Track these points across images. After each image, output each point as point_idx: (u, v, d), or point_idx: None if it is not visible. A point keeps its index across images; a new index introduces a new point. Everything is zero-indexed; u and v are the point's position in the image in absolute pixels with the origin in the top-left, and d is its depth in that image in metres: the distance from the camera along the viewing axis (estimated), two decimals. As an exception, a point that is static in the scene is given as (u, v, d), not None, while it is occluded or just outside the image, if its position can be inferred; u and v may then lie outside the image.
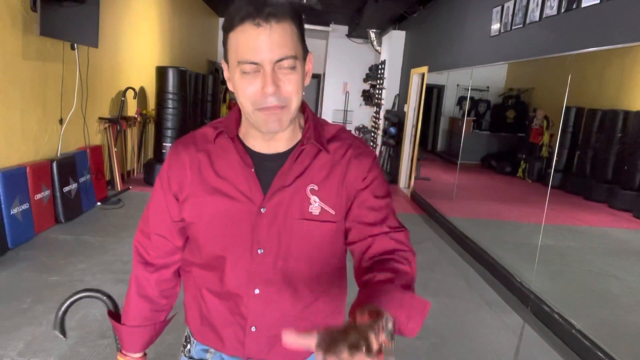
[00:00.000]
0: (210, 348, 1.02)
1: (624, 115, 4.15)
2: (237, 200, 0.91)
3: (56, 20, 4.09)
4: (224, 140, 0.93)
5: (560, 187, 4.44)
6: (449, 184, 5.98)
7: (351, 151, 0.94)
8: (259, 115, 0.84)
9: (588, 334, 2.84)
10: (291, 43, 0.82)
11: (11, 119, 3.87)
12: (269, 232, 0.91)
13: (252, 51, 0.80)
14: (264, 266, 0.92)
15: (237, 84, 0.85)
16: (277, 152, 0.93)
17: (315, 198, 0.91)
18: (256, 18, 0.79)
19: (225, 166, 0.92)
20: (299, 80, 0.85)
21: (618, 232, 4.46)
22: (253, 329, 0.95)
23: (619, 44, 3.02)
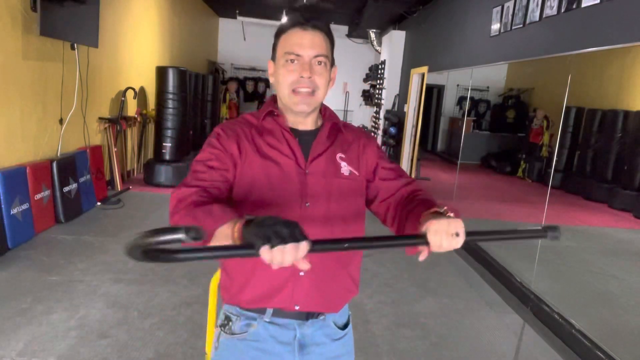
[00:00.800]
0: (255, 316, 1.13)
1: (624, 115, 4.16)
2: (287, 164, 1.11)
3: (56, 20, 4.09)
4: (268, 121, 1.16)
5: (560, 187, 4.44)
6: (449, 184, 5.98)
7: (363, 135, 1.25)
8: (293, 97, 1.10)
9: (588, 334, 2.84)
10: (326, 49, 1.11)
11: (11, 119, 3.87)
12: (313, 188, 1.11)
13: (298, 46, 1.09)
14: (311, 217, 1.10)
15: (280, 73, 1.11)
16: (308, 129, 1.18)
17: (344, 163, 1.17)
18: (304, 25, 1.10)
19: (272, 139, 1.14)
20: (327, 77, 1.13)
21: (618, 232, 4.46)
22: (301, 273, 1.09)
23: (619, 44, 3.02)
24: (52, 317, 2.71)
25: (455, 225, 0.91)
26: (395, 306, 3.30)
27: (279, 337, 1.13)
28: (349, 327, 1.25)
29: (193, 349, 2.52)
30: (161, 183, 6.20)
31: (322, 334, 1.17)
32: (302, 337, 1.15)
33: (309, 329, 1.15)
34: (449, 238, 0.89)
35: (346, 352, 1.23)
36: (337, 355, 1.19)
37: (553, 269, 3.92)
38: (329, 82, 1.13)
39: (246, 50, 12.20)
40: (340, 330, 1.20)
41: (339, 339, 1.20)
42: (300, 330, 1.14)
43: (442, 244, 0.89)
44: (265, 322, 1.14)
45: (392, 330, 2.97)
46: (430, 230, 0.89)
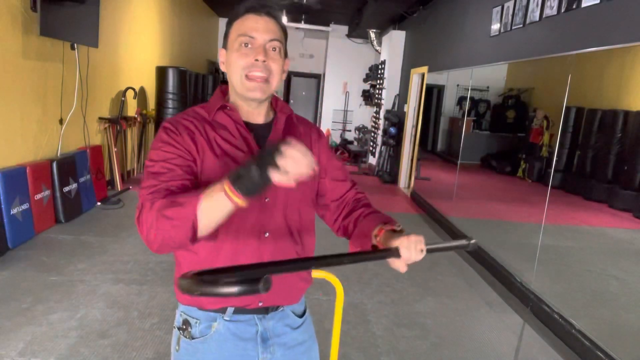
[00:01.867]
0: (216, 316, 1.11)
1: (624, 115, 4.15)
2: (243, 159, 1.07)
3: (56, 20, 4.09)
4: (221, 114, 1.12)
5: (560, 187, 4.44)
6: (449, 184, 5.98)
7: (314, 129, 1.25)
8: (246, 83, 1.07)
9: (588, 334, 2.84)
10: (280, 35, 1.10)
11: (11, 119, 3.87)
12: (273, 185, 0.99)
13: (253, 29, 1.07)
14: (270, 212, 1.10)
15: (233, 57, 1.08)
16: (260, 122, 1.15)
17: None
18: (258, 11, 1.08)
19: (227, 134, 1.10)
20: (281, 64, 1.10)
21: (618, 232, 4.46)
22: None
23: (619, 44, 3.02)
24: (52, 317, 2.71)
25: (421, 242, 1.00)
26: (395, 306, 3.30)
27: (241, 333, 1.13)
28: (307, 313, 1.27)
29: (193, 349, 2.52)
30: (161, 183, 6.18)
31: (282, 324, 1.18)
32: (263, 331, 1.15)
33: (270, 321, 1.16)
34: (418, 253, 0.99)
35: (308, 337, 1.25)
36: (299, 342, 1.21)
37: (553, 269, 3.92)
38: (282, 71, 1.11)
39: (246, 50, 12.18)
40: (299, 318, 1.22)
41: (299, 326, 1.21)
42: (261, 324, 1.15)
43: (411, 257, 0.99)
44: (225, 321, 1.12)
45: (392, 330, 2.97)
46: (403, 245, 0.98)
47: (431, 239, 1.25)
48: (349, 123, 11.93)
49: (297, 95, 13.37)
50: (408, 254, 0.98)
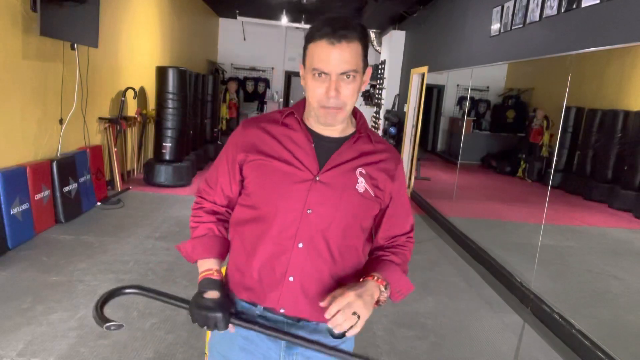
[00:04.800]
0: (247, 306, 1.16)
1: (624, 115, 4.15)
2: (297, 168, 1.11)
3: (56, 20, 4.08)
4: (291, 120, 1.16)
5: (560, 187, 4.44)
6: (449, 184, 5.98)
7: (393, 157, 1.20)
8: (320, 111, 1.09)
9: (588, 334, 2.84)
10: (355, 60, 1.06)
11: (11, 119, 3.87)
12: (319, 197, 1.10)
13: (325, 63, 1.05)
14: (310, 225, 1.10)
15: (308, 84, 1.09)
16: (333, 136, 1.16)
17: (362, 179, 1.14)
18: (332, 37, 1.03)
19: (289, 140, 1.14)
20: (356, 88, 1.09)
21: (618, 232, 4.45)
22: (291, 279, 1.11)
23: (619, 44, 3.02)
24: (52, 317, 2.71)
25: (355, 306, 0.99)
26: (395, 306, 3.30)
27: None
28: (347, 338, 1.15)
29: (193, 349, 2.52)
30: (161, 183, 6.20)
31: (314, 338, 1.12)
32: None
33: (299, 331, 1.13)
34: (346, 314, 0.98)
35: None
36: None
37: (553, 269, 3.92)
38: (359, 90, 1.10)
39: (246, 50, 12.19)
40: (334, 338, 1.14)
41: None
42: (289, 330, 1.13)
43: (337, 319, 0.98)
44: (256, 316, 1.14)
45: (392, 330, 2.97)
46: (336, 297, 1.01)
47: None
48: (349, 123, 11.91)
49: (297, 95, 13.37)
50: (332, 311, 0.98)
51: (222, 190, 1.20)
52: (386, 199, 1.19)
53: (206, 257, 1.16)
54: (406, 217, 1.25)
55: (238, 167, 1.16)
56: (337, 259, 1.13)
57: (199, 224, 1.20)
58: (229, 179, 1.19)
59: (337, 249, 1.13)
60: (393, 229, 1.22)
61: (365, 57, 1.10)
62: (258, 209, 1.13)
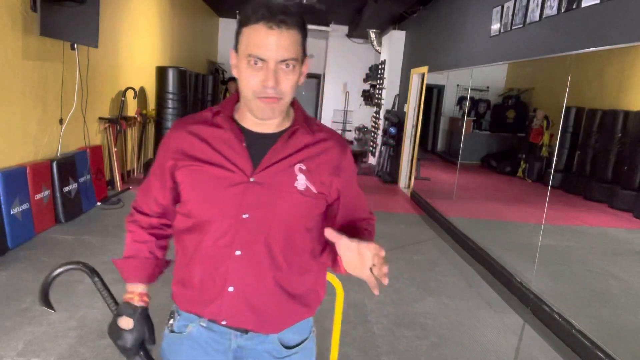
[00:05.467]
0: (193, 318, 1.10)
1: (624, 115, 4.15)
2: (229, 170, 1.03)
3: (56, 20, 4.08)
4: (220, 119, 1.07)
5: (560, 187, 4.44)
6: (449, 184, 5.98)
7: (337, 147, 1.11)
8: (257, 102, 1.00)
9: (588, 334, 2.84)
10: (294, 48, 0.98)
11: (11, 119, 3.87)
12: (254, 200, 1.03)
13: (262, 48, 0.95)
14: (248, 230, 1.03)
15: (242, 73, 1.00)
16: (268, 132, 1.07)
17: (302, 176, 1.05)
18: (270, 21, 0.95)
19: (219, 141, 1.05)
20: (295, 79, 1.01)
21: (618, 232, 4.45)
22: (230, 289, 1.04)
23: (619, 44, 3.02)
24: (52, 317, 2.71)
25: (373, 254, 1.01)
26: (395, 306, 3.30)
27: (214, 343, 1.09)
28: (303, 346, 1.14)
29: (193, 349, 2.52)
30: (161, 183, 6.19)
31: (262, 349, 1.09)
32: (237, 349, 1.09)
33: (248, 342, 1.08)
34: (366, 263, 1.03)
35: None
36: None
37: (553, 269, 3.91)
38: (297, 82, 1.02)
39: (246, 50, 12.19)
40: (286, 349, 1.10)
41: (283, 357, 1.10)
42: (236, 341, 1.08)
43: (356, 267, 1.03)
44: (201, 326, 1.09)
45: (392, 330, 2.97)
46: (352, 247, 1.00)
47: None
48: (349, 123, 11.92)
49: (297, 95, 13.34)
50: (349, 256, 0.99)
51: (156, 200, 1.13)
52: (333, 193, 1.10)
53: (131, 281, 1.14)
54: (361, 205, 1.18)
55: (169, 173, 1.08)
56: (282, 264, 1.06)
57: (131, 242, 1.15)
58: (161, 186, 1.11)
59: (281, 253, 1.05)
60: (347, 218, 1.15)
61: (304, 47, 1.02)
62: (193, 217, 1.06)
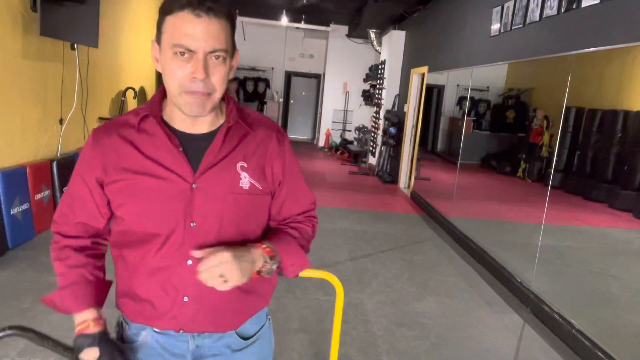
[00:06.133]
0: (144, 327, 1.04)
1: (624, 115, 4.15)
2: (167, 179, 0.96)
3: (56, 20, 4.08)
4: (149, 124, 0.98)
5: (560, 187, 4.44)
6: (449, 184, 5.98)
7: (274, 136, 1.06)
8: (184, 97, 0.92)
9: (588, 334, 2.84)
10: (224, 38, 0.91)
11: (11, 119, 3.87)
12: (201, 206, 0.97)
13: (189, 38, 0.87)
14: (197, 238, 0.97)
15: (167, 66, 0.91)
16: (202, 132, 1.00)
17: (245, 174, 1.00)
18: (197, 9, 0.87)
19: (151, 148, 0.97)
20: (226, 72, 0.93)
21: (618, 232, 4.45)
22: (185, 299, 1.00)
23: (619, 44, 3.02)
24: (52, 317, 2.71)
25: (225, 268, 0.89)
26: (395, 306, 3.30)
27: (171, 348, 1.04)
28: (260, 334, 1.12)
29: (193, 349, 2.52)
30: (161, 183, 6.19)
31: (221, 344, 1.06)
32: (196, 349, 1.05)
33: (206, 340, 1.05)
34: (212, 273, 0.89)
35: None
36: None
37: (553, 269, 3.91)
38: (228, 75, 0.95)
39: (246, 50, 12.19)
40: (244, 340, 1.09)
41: (243, 348, 1.08)
42: (194, 341, 1.04)
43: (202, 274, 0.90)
44: (155, 333, 1.04)
45: (392, 330, 2.97)
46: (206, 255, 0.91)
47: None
48: (349, 123, 11.92)
49: (297, 95, 13.37)
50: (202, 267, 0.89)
51: (81, 221, 1.04)
52: (275, 186, 1.06)
53: (78, 311, 1.02)
54: (301, 195, 1.12)
55: (98, 187, 1.00)
56: None
57: (67, 269, 1.03)
58: (87, 204, 1.02)
59: None
60: (285, 212, 1.10)
61: (233, 38, 0.96)
62: (134, 233, 0.99)
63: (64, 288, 1.02)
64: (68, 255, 1.04)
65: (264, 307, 1.13)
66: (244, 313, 1.08)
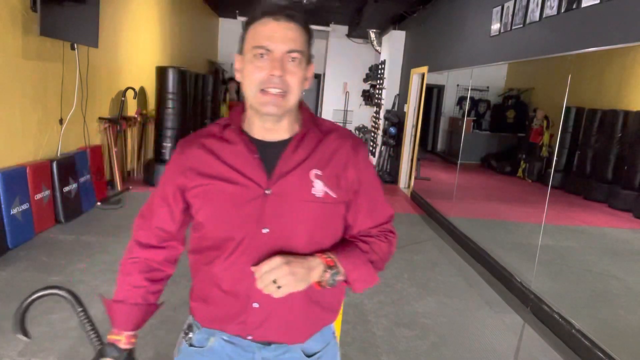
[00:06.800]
0: (214, 332, 1.07)
1: (624, 115, 4.15)
2: (243, 185, 0.99)
3: (56, 20, 4.09)
4: (229, 132, 1.04)
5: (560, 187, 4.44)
6: (449, 184, 5.98)
7: (349, 144, 1.06)
8: (261, 97, 0.96)
9: (588, 334, 2.84)
10: (301, 43, 0.96)
11: (11, 119, 3.87)
12: (273, 213, 0.99)
13: (269, 39, 0.94)
14: (269, 245, 0.99)
15: (247, 69, 0.97)
16: (278, 139, 1.03)
17: (318, 182, 1.00)
18: (277, 15, 0.95)
19: (230, 155, 1.01)
20: (302, 75, 0.97)
21: (618, 232, 4.45)
22: (255, 305, 1.02)
23: (619, 44, 3.02)
24: (52, 317, 2.71)
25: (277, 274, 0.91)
26: (395, 306, 3.30)
27: (236, 357, 1.06)
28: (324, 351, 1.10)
29: (193, 349, 2.52)
30: (161, 183, 6.19)
31: (286, 358, 1.07)
32: None
33: (271, 353, 1.05)
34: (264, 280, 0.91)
35: None
36: None
37: (553, 269, 3.92)
38: (303, 81, 0.98)
39: (246, 50, 12.20)
40: (308, 357, 1.08)
41: None
42: (259, 353, 1.05)
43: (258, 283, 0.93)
44: (223, 340, 1.06)
45: (392, 330, 2.97)
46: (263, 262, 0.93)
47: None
48: (349, 123, 11.92)
49: (297, 95, 13.36)
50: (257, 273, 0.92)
51: (160, 228, 1.09)
52: (350, 194, 1.05)
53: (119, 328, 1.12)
54: (377, 207, 1.11)
55: (180, 194, 1.05)
56: None
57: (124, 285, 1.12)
58: (168, 211, 1.07)
59: None
60: (360, 224, 1.09)
61: (310, 49, 1.00)
62: (210, 238, 1.03)
63: (114, 302, 1.11)
64: (130, 272, 1.11)
65: (331, 322, 1.12)
66: (312, 325, 1.08)
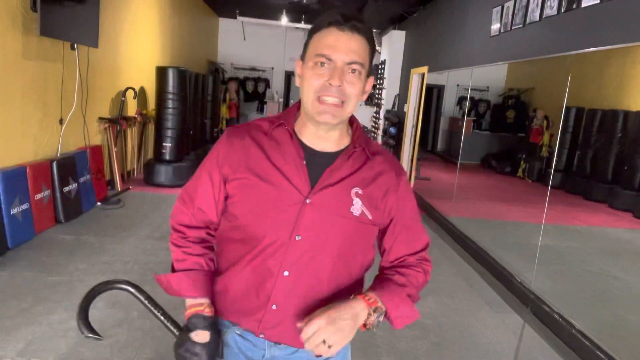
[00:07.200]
0: (230, 325, 1.08)
1: (624, 115, 4.15)
2: (284, 189, 1.00)
3: (56, 20, 4.08)
4: (280, 132, 1.04)
5: (560, 187, 4.44)
6: (449, 184, 5.98)
7: (393, 171, 1.07)
8: (318, 106, 0.97)
9: (588, 334, 2.84)
10: (363, 56, 0.97)
11: (11, 119, 3.87)
12: (309, 222, 0.99)
13: (331, 48, 0.95)
14: (299, 252, 1.00)
15: (307, 76, 0.98)
16: (327, 150, 1.03)
17: (357, 200, 1.01)
18: (342, 25, 0.95)
19: (277, 155, 1.01)
20: (360, 87, 0.98)
21: (618, 232, 4.46)
22: (274, 307, 1.02)
23: (619, 44, 3.02)
24: (52, 317, 2.71)
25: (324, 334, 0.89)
26: (395, 306, 3.30)
27: (247, 351, 1.07)
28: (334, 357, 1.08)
29: (193, 349, 2.52)
30: (161, 183, 6.20)
31: (296, 357, 1.08)
32: (271, 358, 1.08)
33: (281, 352, 1.07)
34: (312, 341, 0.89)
35: None
36: None
37: (553, 269, 3.92)
38: (361, 93, 0.99)
39: (246, 50, 12.20)
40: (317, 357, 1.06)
41: None
42: (270, 351, 1.07)
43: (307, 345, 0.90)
44: (235, 334, 1.08)
45: (392, 330, 2.96)
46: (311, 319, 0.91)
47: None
48: (349, 123, 11.91)
49: (297, 95, 13.36)
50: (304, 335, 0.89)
51: (201, 209, 1.08)
52: (385, 219, 1.07)
53: (194, 295, 1.06)
54: (415, 235, 1.11)
55: (223, 182, 1.05)
56: (329, 288, 1.03)
57: (186, 256, 1.08)
58: (212, 196, 1.06)
59: (329, 278, 1.03)
60: (397, 250, 1.10)
61: (371, 60, 1.01)
62: (243, 231, 1.03)
63: (183, 272, 1.06)
64: (186, 245, 1.09)
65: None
66: None
